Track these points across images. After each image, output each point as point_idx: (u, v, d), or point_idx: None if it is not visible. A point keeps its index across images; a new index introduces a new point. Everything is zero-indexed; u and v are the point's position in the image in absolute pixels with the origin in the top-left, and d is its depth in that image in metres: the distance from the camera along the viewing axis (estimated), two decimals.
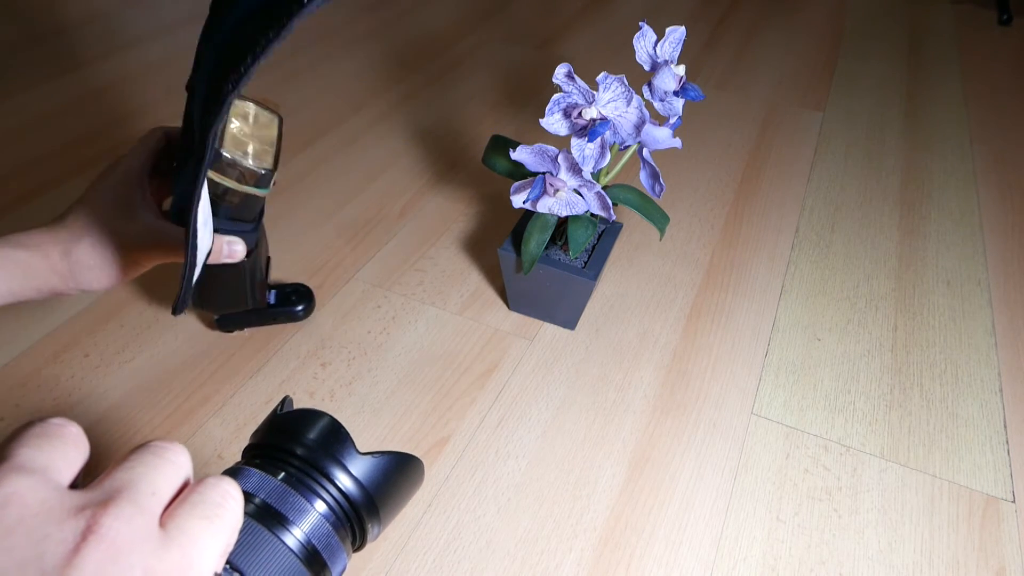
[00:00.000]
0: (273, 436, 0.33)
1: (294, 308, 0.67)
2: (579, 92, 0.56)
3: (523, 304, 0.71)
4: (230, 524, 0.21)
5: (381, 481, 0.33)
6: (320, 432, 0.32)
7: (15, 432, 0.20)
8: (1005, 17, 1.50)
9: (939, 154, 1.05)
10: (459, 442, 0.60)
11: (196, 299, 0.60)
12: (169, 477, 0.21)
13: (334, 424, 0.33)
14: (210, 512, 0.21)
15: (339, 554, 0.31)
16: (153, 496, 0.20)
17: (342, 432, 0.33)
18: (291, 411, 0.34)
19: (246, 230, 0.52)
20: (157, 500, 0.20)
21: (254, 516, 0.29)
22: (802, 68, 1.27)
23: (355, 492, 0.32)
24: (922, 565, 0.54)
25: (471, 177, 0.92)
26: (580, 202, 0.59)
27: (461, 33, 1.29)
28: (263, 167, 0.48)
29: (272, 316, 0.67)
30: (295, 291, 0.68)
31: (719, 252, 0.83)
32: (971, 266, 0.84)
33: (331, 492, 0.31)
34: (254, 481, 0.30)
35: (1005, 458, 0.62)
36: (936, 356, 0.72)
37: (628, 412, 0.63)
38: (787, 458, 0.61)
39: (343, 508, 0.32)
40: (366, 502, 0.32)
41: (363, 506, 0.32)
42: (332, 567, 0.31)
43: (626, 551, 0.53)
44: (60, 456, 0.20)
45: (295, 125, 0.99)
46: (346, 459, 0.32)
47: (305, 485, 0.31)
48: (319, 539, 0.30)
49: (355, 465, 0.32)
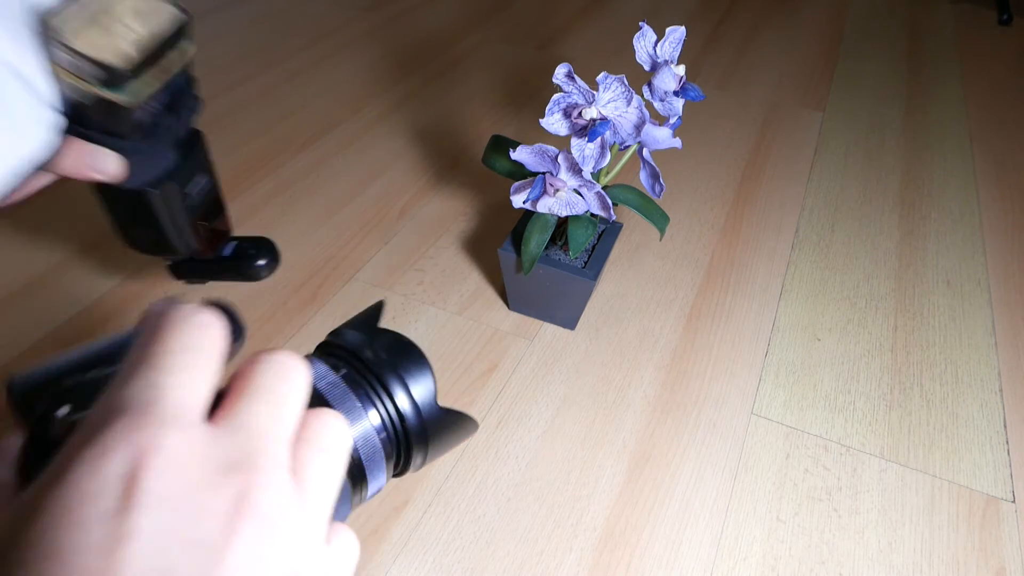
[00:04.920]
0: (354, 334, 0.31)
1: (253, 263, 0.59)
2: (579, 92, 0.56)
3: (523, 304, 0.71)
4: (345, 468, 0.21)
5: (438, 420, 0.31)
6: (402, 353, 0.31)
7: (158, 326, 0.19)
8: (1005, 17, 1.50)
9: (939, 154, 1.05)
10: None
11: (120, 233, 0.53)
12: (298, 409, 0.20)
13: (422, 357, 0.31)
14: (334, 462, 0.20)
15: (380, 471, 0.30)
16: (287, 443, 0.19)
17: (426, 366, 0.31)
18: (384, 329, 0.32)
19: (131, 150, 0.45)
20: (289, 445, 0.19)
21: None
22: (802, 68, 1.27)
23: (413, 417, 0.30)
24: (922, 565, 0.54)
25: (471, 177, 0.92)
26: (580, 202, 0.59)
27: (461, 33, 1.29)
28: (117, 65, 0.40)
29: (224, 269, 0.60)
30: (255, 245, 0.60)
31: (719, 252, 0.83)
32: (971, 266, 0.84)
33: (389, 408, 0.30)
34: (318, 371, 0.29)
35: (1005, 458, 0.62)
36: (936, 356, 0.72)
37: (628, 412, 0.63)
38: (787, 458, 0.61)
39: (396, 428, 0.30)
40: (420, 431, 0.31)
41: (416, 433, 0.31)
42: (370, 482, 0.29)
43: (626, 551, 0.53)
44: (206, 383, 0.19)
45: (294, 125, 0.99)
46: (415, 385, 0.30)
47: (364, 391, 0.29)
48: (365, 448, 0.29)
49: (421, 395, 0.31)
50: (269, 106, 1.03)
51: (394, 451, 0.31)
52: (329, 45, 1.21)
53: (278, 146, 0.95)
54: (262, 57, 1.15)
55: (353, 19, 1.30)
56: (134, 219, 0.51)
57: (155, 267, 0.74)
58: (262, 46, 1.18)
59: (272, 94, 1.06)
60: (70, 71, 0.40)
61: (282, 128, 0.99)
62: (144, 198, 0.49)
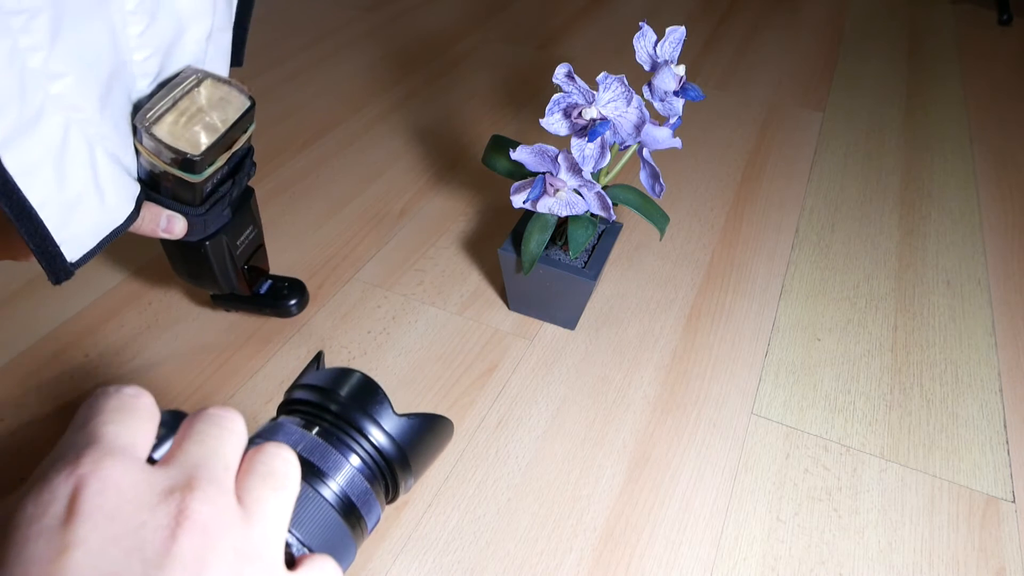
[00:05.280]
0: (309, 392, 0.33)
1: (286, 303, 0.66)
2: (579, 92, 0.56)
3: (523, 304, 0.71)
4: (294, 491, 0.22)
5: (412, 436, 0.33)
6: (354, 389, 0.33)
7: (91, 403, 0.21)
8: (1005, 17, 1.50)
9: (939, 154, 1.05)
10: (459, 442, 0.60)
11: (172, 267, 0.60)
12: (235, 447, 0.22)
13: (368, 381, 0.33)
14: (279, 483, 0.22)
15: (374, 506, 0.32)
16: (227, 471, 0.21)
17: (377, 389, 0.33)
18: (326, 369, 0.34)
19: (194, 213, 0.50)
20: (230, 474, 0.21)
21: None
22: (802, 68, 1.27)
23: (388, 447, 0.32)
24: (922, 565, 0.54)
25: (471, 177, 0.92)
26: (580, 202, 0.59)
27: (461, 33, 1.29)
28: (189, 152, 0.45)
29: (259, 306, 0.66)
30: (289, 285, 0.67)
31: (719, 252, 0.83)
32: (971, 266, 0.84)
33: (365, 447, 0.32)
34: (292, 436, 0.31)
35: (1005, 458, 0.62)
36: (936, 356, 0.72)
37: (628, 412, 0.63)
38: (787, 458, 0.61)
39: (376, 462, 0.32)
40: (399, 456, 0.33)
41: (396, 460, 0.32)
42: (367, 518, 0.31)
43: (626, 551, 0.53)
44: (140, 431, 0.21)
45: (294, 125, 0.99)
46: (379, 415, 0.32)
47: (340, 440, 0.31)
48: (355, 491, 0.30)
49: (388, 421, 0.32)
50: (269, 106, 1.03)
51: (381, 481, 0.33)
52: (329, 45, 1.21)
53: (278, 146, 0.95)
54: (262, 57, 1.15)
55: (353, 19, 1.30)
56: (186, 262, 0.57)
57: (154, 268, 0.74)
58: (262, 46, 1.18)
59: (272, 94, 1.06)
60: (150, 151, 0.45)
61: (282, 128, 0.99)
62: (200, 249, 0.55)
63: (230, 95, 0.47)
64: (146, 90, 0.46)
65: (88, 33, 0.38)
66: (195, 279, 0.59)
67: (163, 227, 0.50)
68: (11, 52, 0.34)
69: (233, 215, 0.56)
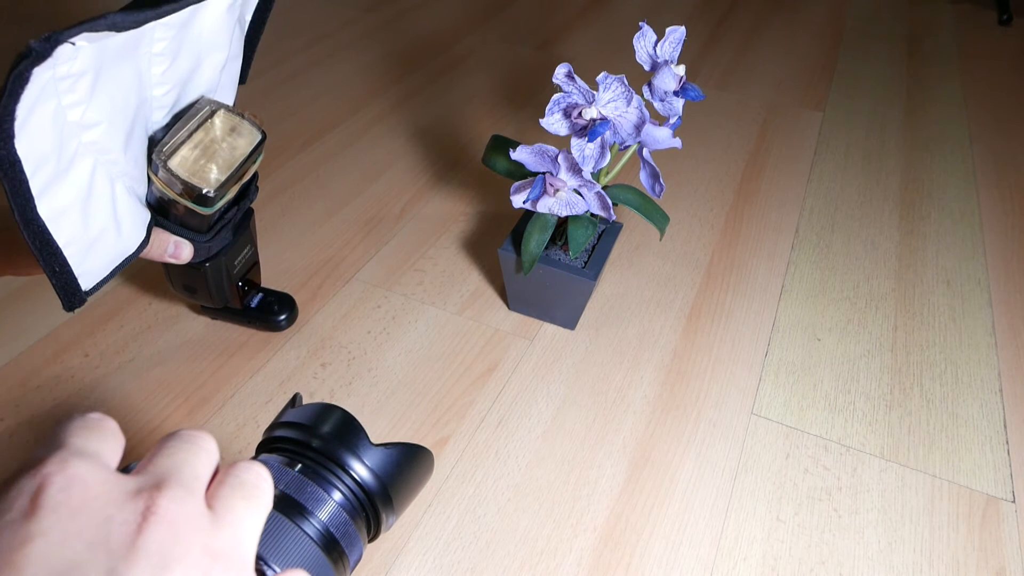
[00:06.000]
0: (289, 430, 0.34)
1: (276, 318, 0.67)
2: (579, 92, 0.56)
3: (523, 304, 0.71)
4: (266, 504, 0.23)
5: (393, 471, 0.34)
6: (334, 425, 0.33)
7: (59, 425, 0.22)
8: (1005, 17, 1.50)
9: (939, 154, 1.05)
10: (459, 442, 0.60)
11: (168, 281, 0.61)
12: (205, 462, 0.22)
13: (347, 417, 0.34)
14: (250, 493, 0.22)
15: (356, 542, 0.32)
16: (197, 480, 0.21)
17: (355, 424, 0.33)
18: (305, 405, 0.34)
19: (200, 239, 0.53)
20: (200, 483, 0.21)
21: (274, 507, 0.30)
22: (802, 68, 1.27)
23: (370, 481, 0.33)
24: (922, 565, 0.54)
25: (471, 177, 0.92)
26: (580, 202, 0.59)
27: (461, 33, 1.29)
28: (204, 188, 0.47)
29: (249, 318, 0.67)
30: (279, 300, 0.68)
31: (719, 252, 0.83)
32: (971, 266, 0.84)
33: (346, 482, 0.32)
34: (273, 473, 0.31)
35: (1005, 458, 0.62)
36: (936, 356, 0.72)
37: (628, 412, 0.63)
38: (787, 458, 0.61)
39: (358, 497, 0.32)
40: (380, 491, 0.33)
41: (377, 495, 0.33)
42: (350, 554, 0.32)
43: (626, 551, 0.53)
44: (106, 445, 0.21)
45: (294, 125, 0.99)
46: (360, 450, 0.33)
47: (322, 476, 0.32)
48: (337, 527, 0.31)
49: (369, 456, 0.33)
50: (269, 106, 1.03)
51: (363, 517, 0.33)
52: (329, 45, 1.21)
53: (278, 146, 0.95)
54: (262, 57, 1.15)
55: (353, 19, 1.30)
56: (184, 278, 0.58)
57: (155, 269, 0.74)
58: (262, 46, 1.18)
59: (272, 94, 1.06)
60: (164, 182, 0.46)
61: (282, 128, 0.99)
62: (199, 269, 0.56)
63: (242, 127, 0.49)
64: (162, 121, 0.47)
65: (120, 81, 0.39)
66: (191, 293, 0.60)
67: (170, 252, 0.51)
68: (56, 111, 0.35)
69: (233, 236, 0.57)
